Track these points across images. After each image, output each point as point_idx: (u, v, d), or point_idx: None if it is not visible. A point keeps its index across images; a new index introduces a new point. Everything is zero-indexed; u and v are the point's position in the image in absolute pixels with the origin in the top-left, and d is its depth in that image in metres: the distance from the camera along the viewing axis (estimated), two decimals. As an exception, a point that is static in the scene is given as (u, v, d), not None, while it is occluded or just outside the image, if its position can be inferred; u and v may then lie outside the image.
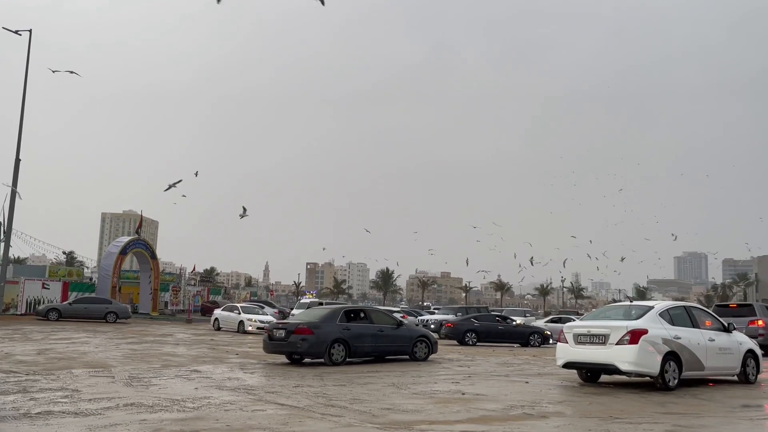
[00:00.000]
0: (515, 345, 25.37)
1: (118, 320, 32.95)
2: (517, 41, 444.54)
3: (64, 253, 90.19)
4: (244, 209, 38.35)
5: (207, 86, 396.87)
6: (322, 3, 24.59)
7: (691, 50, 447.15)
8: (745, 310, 22.01)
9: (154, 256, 45.74)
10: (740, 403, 9.64)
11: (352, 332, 15.08)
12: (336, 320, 15.14)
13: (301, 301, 34.74)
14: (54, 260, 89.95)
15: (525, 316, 38.43)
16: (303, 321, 15.36)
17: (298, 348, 14.53)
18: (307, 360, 15.15)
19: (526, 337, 25.71)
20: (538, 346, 25.12)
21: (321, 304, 27.95)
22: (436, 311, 41.48)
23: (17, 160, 30.19)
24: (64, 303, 34.68)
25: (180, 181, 34.99)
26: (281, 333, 14.85)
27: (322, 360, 14.63)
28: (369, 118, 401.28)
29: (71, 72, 32.39)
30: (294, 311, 32.16)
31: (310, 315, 16.27)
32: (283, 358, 15.40)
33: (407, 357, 16.24)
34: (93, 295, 37.57)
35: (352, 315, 15.90)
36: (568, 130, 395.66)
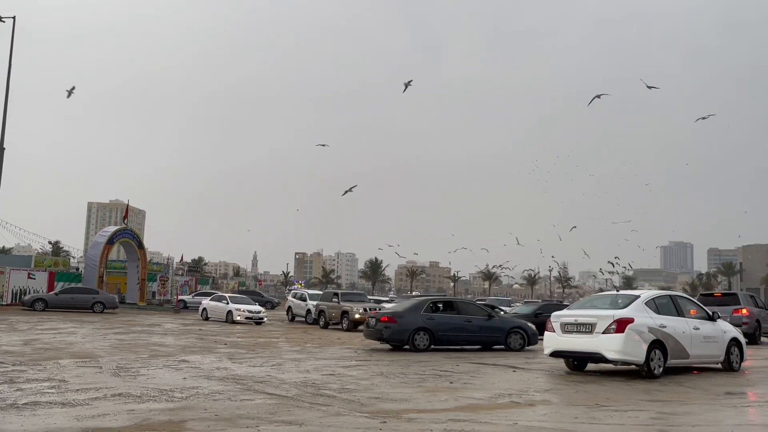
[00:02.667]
0: None
1: (105, 310, 32.79)
2: (504, 35, 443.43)
3: (50, 242, 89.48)
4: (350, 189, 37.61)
5: (196, 77, 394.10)
6: None
7: (677, 41, 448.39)
8: (729, 299, 22.27)
9: (141, 245, 45.48)
10: (724, 390, 9.77)
11: (436, 322, 16.12)
12: (420, 310, 16.34)
13: (307, 292, 34.49)
14: (40, 250, 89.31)
15: (510, 306, 38.32)
16: (388, 311, 16.96)
17: (382, 335, 16.01)
18: (406, 347, 16.00)
19: None
20: None
21: (336, 295, 27.67)
22: (394, 300, 40.35)
23: (1, 149, 29.86)
24: (51, 293, 34.43)
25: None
26: (373, 321, 16.42)
27: (408, 347, 15.84)
28: (358, 111, 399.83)
29: None
30: (300, 300, 32.19)
31: (398, 305, 17.81)
32: (284, 346, 15.43)
33: (503, 347, 16.87)
34: (79, 285, 37.34)
35: (438, 306, 16.99)
36: (556, 125, 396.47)
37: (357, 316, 24.78)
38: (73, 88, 33.29)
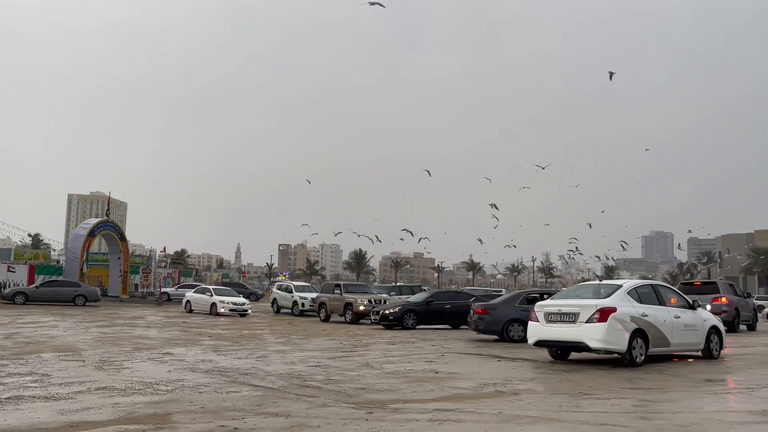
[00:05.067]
0: None
1: (87, 303, 32.52)
2: (484, 24, 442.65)
3: (29, 235, 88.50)
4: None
5: (178, 71, 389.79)
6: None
7: (654, 30, 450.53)
8: (709, 287, 22.60)
9: (123, 238, 45.07)
10: (704, 377, 9.93)
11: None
12: (515, 303, 17.32)
13: (292, 283, 34.33)
14: (19, 242, 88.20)
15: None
16: (483, 304, 18.26)
17: (477, 326, 17.10)
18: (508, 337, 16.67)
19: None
20: None
21: (339, 286, 27.53)
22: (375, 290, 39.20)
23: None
24: (31, 286, 34.07)
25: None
26: (471, 313, 17.66)
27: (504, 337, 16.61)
28: (339, 102, 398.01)
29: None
30: (285, 292, 32.11)
31: (494, 299, 19.29)
32: (264, 337, 15.37)
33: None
34: (61, 278, 36.95)
35: (534, 298, 17.57)
36: (535, 115, 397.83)
37: (361, 308, 24.38)
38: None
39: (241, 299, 29.88)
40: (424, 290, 31.73)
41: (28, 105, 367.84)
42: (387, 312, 21.49)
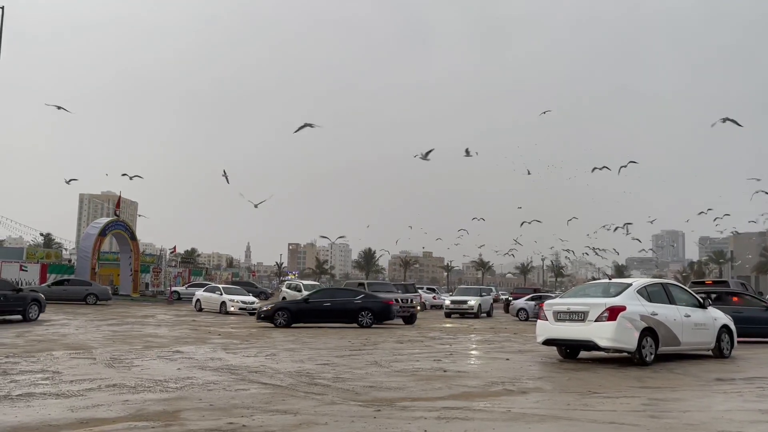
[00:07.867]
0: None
1: (98, 302, 32.72)
2: (488, 19, 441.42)
3: (41, 234, 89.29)
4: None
5: (189, 68, 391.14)
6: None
7: (666, 27, 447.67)
8: (720, 286, 22.45)
9: (133, 237, 45.33)
10: (714, 376, 9.87)
11: None
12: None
13: (302, 282, 34.63)
14: (31, 242, 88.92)
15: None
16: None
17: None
18: None
19: None
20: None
21: (362, 285, 27.49)
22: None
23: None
24: (43, 285, 34.32)
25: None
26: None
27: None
28: (346, 101, 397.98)
29: None
30: (294, 291, 32.44)
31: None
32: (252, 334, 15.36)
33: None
34: (72, 277, 37.23)
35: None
36: (538, 111, 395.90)
37: None
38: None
39: (250, 298, 30.00)
40: (315, 285, 30.61)
41: (38, 104, 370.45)
42: (261, 310, 21.64)
